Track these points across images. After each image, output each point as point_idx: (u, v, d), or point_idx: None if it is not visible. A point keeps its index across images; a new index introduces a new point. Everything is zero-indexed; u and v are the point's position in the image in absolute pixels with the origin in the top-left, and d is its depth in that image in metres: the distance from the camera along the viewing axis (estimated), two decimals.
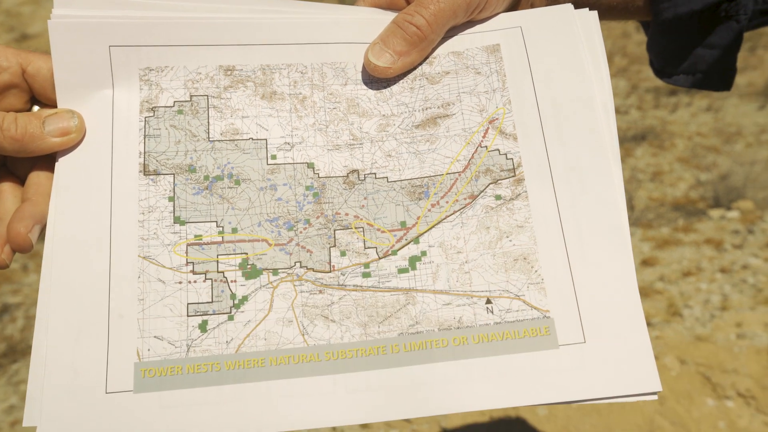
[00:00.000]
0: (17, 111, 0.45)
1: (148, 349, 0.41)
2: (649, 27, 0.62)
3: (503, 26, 0.49)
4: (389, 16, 0.48)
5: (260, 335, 0.42)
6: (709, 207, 2.57)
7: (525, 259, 0.43)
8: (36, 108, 0.46)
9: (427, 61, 0.48)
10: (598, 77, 0.46)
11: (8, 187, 0.45)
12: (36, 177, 0.44)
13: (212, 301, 0.42)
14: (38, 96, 0.46)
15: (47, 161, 0.45)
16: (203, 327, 0.42)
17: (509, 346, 0.41)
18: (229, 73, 0.47)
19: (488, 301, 0.42)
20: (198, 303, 0.42)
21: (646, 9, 0.57)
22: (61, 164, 0.44)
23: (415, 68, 0.48)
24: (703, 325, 1.98)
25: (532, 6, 0.53)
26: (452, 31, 0.49)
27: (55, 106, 0.45)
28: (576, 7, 0.49)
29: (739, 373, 1.75)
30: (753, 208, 2.56)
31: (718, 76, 0.59)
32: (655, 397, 0.39)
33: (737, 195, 2.62)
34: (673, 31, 0.56)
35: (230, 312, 0.42)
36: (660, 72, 0.62)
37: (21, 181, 0.46)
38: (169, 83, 0.46)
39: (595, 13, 0.48)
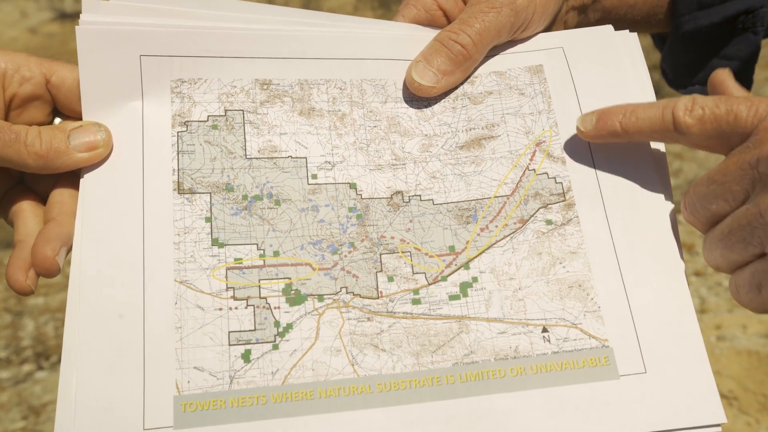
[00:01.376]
0: (39, 124, 0.42)
1: (188, 381, 0.38)
2: (661, 41, 0.62)
3: (545, 46, 0.48)
4: (429, 33, 0.47)
5: (307, 365, 0.39)
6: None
7: (580, 286, 0.42)
8: (58, 120, 0.43)
9: (469, 80, 0.47)
10: (644, 98, 0.46)
11: (29, 206, 0.41)
12: (59, 195, 0.41)
13: (255, 329, 0.40)
14: (61, 108, 0.43)
15: (70, 178, 0.42)
16: (246, 357, 0.39)
17: (568, 377, 0.40)
18: (265, 87, 0.44)
19: (544, 330, 0.41)
20: (240, 331, 0.39)
21: (666, 22, 0.58)
22: (86, 181, 0.41)
23: (456, 87, 0.47)
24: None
25: (566, 26, 0.53)
26: (493, 51, 0.48)
27: (78, 119, 0.42)
28: (603, 24, 0.49)
29: (721, 375, 1.80)
30: None
31: None
32: (719, 429, 0.39)
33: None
34: (691, 43, 0.57)
35: (275, 340, 0.40)
36: (674, 83, 0.63)
37: (41, 199, 0.42)
38: (202, 96, 0.43)
39: (635, 34, 0.48)
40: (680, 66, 0.60)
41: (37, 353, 2.00)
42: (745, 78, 0.60)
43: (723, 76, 0.42)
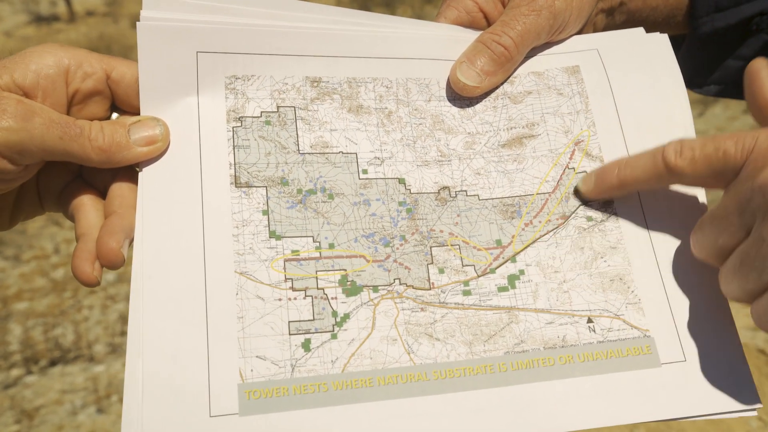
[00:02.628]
0: (99, 119, 0.43)
1: (251, 370, 0.39)
2: (673, 42, 0.65)
3: (580, 48, 0.50)
4: (471, 34, 0.49)
5: (365, 354, 0.41)
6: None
7: (621, 279, 0.44)
8: (115, 115, 0.44)
9: (508, 80, 0.49)
10: (677, 98, 0.48)
11: (89, 200, 0.42)
12: (119, 189, 0.42)
13: (314, 319, 0.41)
14: (119, 103, 0.43)
15: (129, 172, 0.42)
16: (306, 346, 0.40)
17: (614, 365, 0.41)
18: (315, 84, 0.46)
19: (589, 320, 0.43)
20: (300, 321, 0.41)
21: (684, 24, 0.60)
22: (146, 175, 0.42)
23: (497, 87, 0.48)
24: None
25: (594, 26, 0.55)
26: (531, 52, 0.49)
27: (135, 114, 0.43)
28: (628, 26, 0.51)
29: None
30: None
31: None
32: (755, 413, 0.41)
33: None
34: (707, 44, 0.59)
35: (333, 330, 0.41)
36: (690, 82, 0.65)
37: (100, 193, 0.43)
38: (255, 93, 0.45)
39: (665, 36, 0.50)
40: (697, 66, 0.63)
41: (25, 358, 1.98)
42: None
43: (759, 65, 0.43)
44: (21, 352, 1.98)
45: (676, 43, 0.64)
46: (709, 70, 0.62)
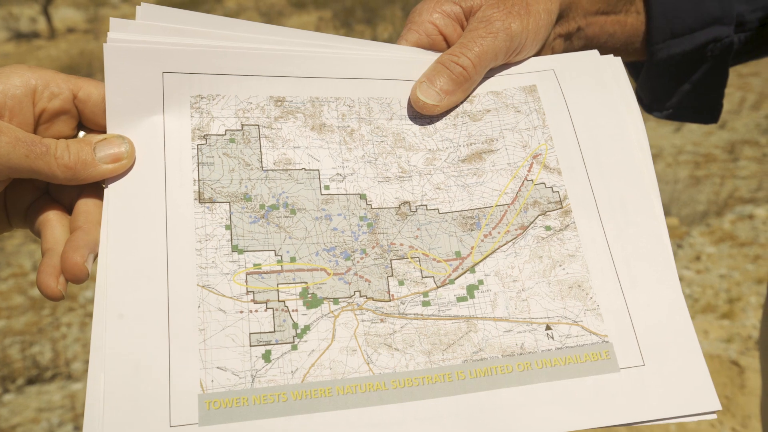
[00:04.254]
0: (66, 137, 0.44)
1: (212, 381, 0.40)
2: (635, 69, 0.67)
3: (537, 69, 0.51)
4: (431, 56, 0.50)
5: (325, 364, 0.41)
6: (667, 214, 2.77)
7: (579, 286, 0.44)
8: (82, 134, 0.45)
9: (468, 99, 0.50)
10: (631, 117, 0.49)
11: (55, 216, 0.43)
12: (84, 205, 0.43)
13: (275, 331, 0.41)
14: (86, 122, 0.45)
15: (95, 188, 0.44)
16: (267, 357, 0.41)
17: (572, 371, 0.42)
18: (279, 103, 0.47)
19: (548, 327, 0.43)
20: (260, 332, 0.41)
21: (642, 50, 0.62)
22: (111, 191, 0.43)
23: (457, 106, 0.50)
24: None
25: (553, 51, 0.57)
26: (490, 73, 0.51)
27: (102, 132, 0.44)
28: (586, 50, 0.53)
29: None
30: (678, 224, 2.79)
31: (705, 110, 0.64)
32: (714, 416, 0.41)
33: (663, 212, 2.84)
34: (664, 69, 0.61)
35: (293, 341, 0.41)
36: (649, 107, 0.67)
37: (66, 209, 0.44)
38: (220, 111, 0.46)
39: (618, 58, 0.52)
40: (655, 92, 0.65)
41: (2, 376, 1.96)
42: (714, 103, 0.64)
43: None
44: None
45: (636, 70, 0.66)
46: (667, 95, 0.64)
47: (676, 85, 0.63)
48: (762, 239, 2.68)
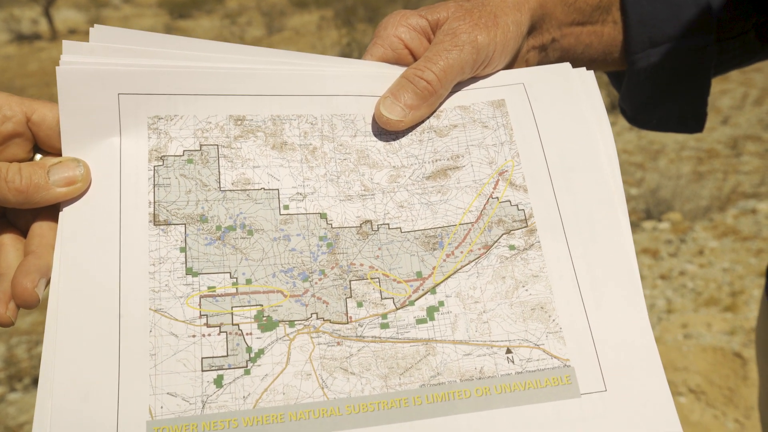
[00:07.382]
0: (20, 161, 0.44)
1: (161, 407, 0.39)
2: (617, 80, 0.65)
3: (506, 82, 0.50)
4: (396, 71, 0.49)
5: (278, 389, 0.40)
6: (642, 219, 2.80)
7: (542, 308, 0.43)
8: (38, 157, 0.45)
9: (435, 114, 0.49)
10: (600, 130, 0.48)
11: (9, 240, 0.43)
12: (39, 228, 0.43)
13: (227, 355, 0.41)
14: (42, 145, 0.44)
15: (50, 211, 0.43)
16: (219, 382, 0.40)
17: (532, 396, 0.41)
18: (239, 122, 0.46)
19: (508, 351, 0.42)
20: (213, 357, 0.41)
21: (621, 60, 0.60)
22: (65, 214, 0.42)
23: (423, 121, 0.49)
24: (651, 327, 2.15)
25: (527, 63, 0.56)
26: (458, 86, 0.50)
27: (59, 155, 0.44)
28: (563, 62, 0.52)
29: (689, 371, 1.85)
30: (681, 219, 2.80)
31: (690, 119, 0.63)
32: None
33: (666, 207, 2.87)
34: (645, 79, 0.59)
35: (246, 366, 0.41)
36: (633, 119, 0.65)
37: (22, 232, 0.44)
38: (178, 132, 0.45)
39: (591, 72, 0.51)
40: (637, 104, 0.63)
41: (9, 375, 1.98)
42: (698, 112, 0.63)
43: None
44: (4, 370, 1.99)
45: (618, 82, 0.65)
46: (650, 106, 0.62)
47: (658, 95, 0.61)
48: (765, 233, 2.68)
